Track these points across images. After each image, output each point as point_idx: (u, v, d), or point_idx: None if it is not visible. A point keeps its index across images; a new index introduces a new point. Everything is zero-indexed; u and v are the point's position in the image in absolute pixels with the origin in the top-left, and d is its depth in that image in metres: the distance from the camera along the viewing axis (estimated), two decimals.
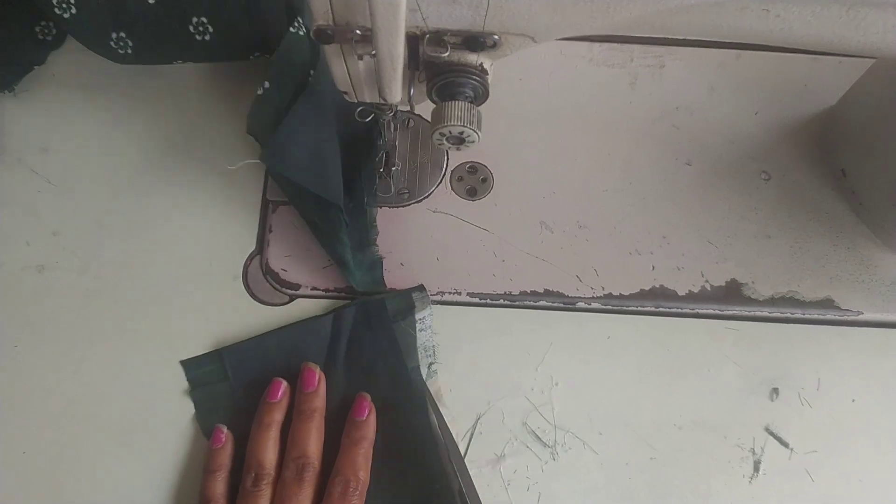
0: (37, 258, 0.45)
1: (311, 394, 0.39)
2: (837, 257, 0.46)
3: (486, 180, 0.49)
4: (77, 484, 0.39)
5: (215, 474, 0.38)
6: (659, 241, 0.47)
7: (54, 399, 0.41)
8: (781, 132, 0.51)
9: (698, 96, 0.52)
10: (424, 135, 0.50)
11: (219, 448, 0.38)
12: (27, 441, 0.40)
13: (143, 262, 0.45)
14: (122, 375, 0.42)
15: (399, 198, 0.47)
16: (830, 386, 0.43)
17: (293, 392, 0.40)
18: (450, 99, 0.34)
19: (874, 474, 0.41)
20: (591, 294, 0.45)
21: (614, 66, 0.53)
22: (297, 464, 0.36)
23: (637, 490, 0.40)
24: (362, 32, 0.31)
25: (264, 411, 0.39)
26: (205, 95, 0.51)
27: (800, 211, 0.48)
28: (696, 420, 0.42)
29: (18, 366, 0.42)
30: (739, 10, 0.30)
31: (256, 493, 0.36)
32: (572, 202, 0.48)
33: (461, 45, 0.32)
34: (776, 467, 0.41)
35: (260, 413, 0.39)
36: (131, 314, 0.44)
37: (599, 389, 0.43)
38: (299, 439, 0.37)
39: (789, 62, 0.53)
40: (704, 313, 0.45)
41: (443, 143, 0.36)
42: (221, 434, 0.39)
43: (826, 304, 0.45)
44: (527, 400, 0.42)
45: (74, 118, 0.49)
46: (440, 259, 0.45)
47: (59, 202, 0.47)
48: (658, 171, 0.49)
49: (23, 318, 0.43)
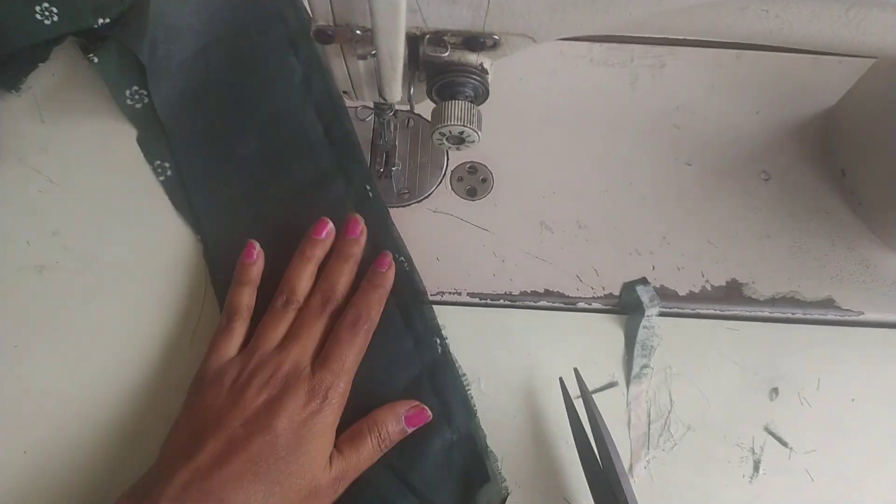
0: (37, 258, 0.45)
1: (353, 239, 0.42)
2: (838, 257, 0.46)
3: (486, 180, 0.49)
4: (77, 484, 0.39)
5: (245, 287, 0.41)
6: (659, 241, 0.47)
7: (54, 399, 0.41)
8: (781, 132, 0.51)
9: (698, 96, 0.52)
10: (424, 135, 0.50)
11: (251, 262, 0.41)
12: (27, 441, 0.40)
13: (144, 262, 0.45)
14: (122, 375, 0.42)
15: (399, 198, 0.47)
16: (830, 386, 0.43)
17: None
18: (450, 98, 0.34)
19: (874, 474, 0.41)
20: (592, 294, 0.45)
21: (614, 66, 0.53)
22: (324, 295, 0.40)
23: (636, 490, 0.40)
24: (362, 33, 0.31)
25: (307, 244, 0.42)
26: None
27: (800, 211, 0.48)
28: (696, 420, 0.42)
29: (18, 366, 0.42)
30: (739, 11, 0.30)
31: (284, 312, 0.39)
32: (572, 202, 0.48)
33: (461, 45, 0.32)
34: (776, 467, 0.41)
35: (302, 245, 0.42)
36: (131, 314, 0.44)
37: None
38: (332, 274, 0.41)
39: (789, 62, 0.53)
40: (705, 313, 0.45)
41: (443, 142, 0.36)
42: (253, 249, 0.42)
43: (827, 304, 0.45)
44: (528, 401, 0.42)
45: (74, 118, 0.49)
46: (440, 259, 0.45)
47: (59, 202, 0.47)
48: (658, 171, 0.49)
49: (23, 318, 0.43)
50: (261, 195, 0.46)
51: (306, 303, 0.40)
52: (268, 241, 0.44)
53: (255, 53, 0.49)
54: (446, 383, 0.41)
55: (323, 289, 0.40)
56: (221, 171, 0.47)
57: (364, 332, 0.39)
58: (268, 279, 0.42)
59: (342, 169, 0.46)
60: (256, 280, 0.41)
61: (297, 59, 0.49)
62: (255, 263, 0.42)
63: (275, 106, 0.48)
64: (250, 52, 0.49)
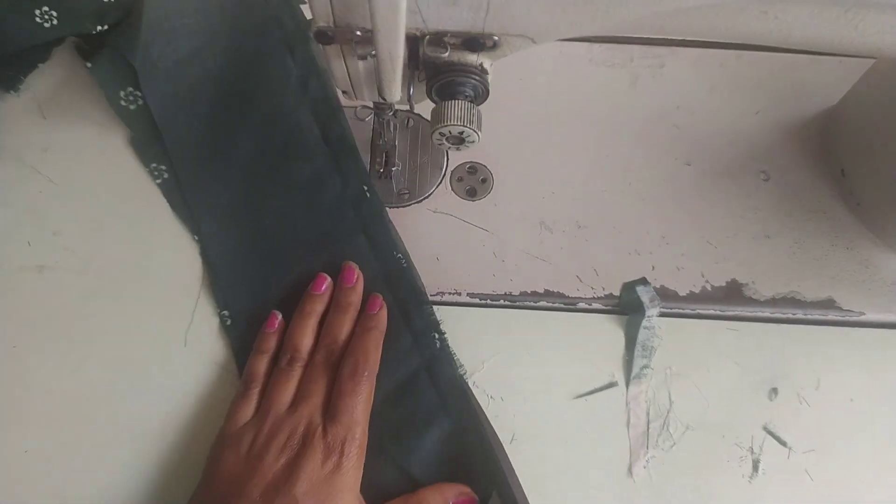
0: (37, 258, 0.45)
1: (349, 289, 0.42)
2: (838, 257, 0.46)
3: (486, 180, 0.49)
4: (77, 484, 0.39)
5: (263, 355, 0.41)
6: (659, 241, 0.47)
7: (54, 399, 0.41)
8: (781, 132, 0.51)
9: (698, 96, 0.52)
10: (424, 135, 0.50)
11: (271, 332, 0.42)
12: (27, 441, 0.40)
13: (143, 262, 0.45)
14: (122, 375, 0.42)
15: (399, 198, 0.47)
16: (829, 385, 0.43)
17: None
18: (449, 98, 0.34)
19: (873, 474, 0.41)
20: (592, 294, 0.45)
21: (614, 66, 0.53)
22: (328, 349, 0.40)
23: (636, 489, 0.40)
24: (362, 33, 0.31)
25: (307, 301, 0.42)
26: None
27: (799, 211, 0.48)
28: (696, 419, 0.42)
29: (18, 366, 0.42)
30: (738, 12, 0.30)
31: (290, 371, 0.39)
32: (572, 202, 0.48)
33: (461, 45, 0.32)
34: (775, 467, 0.41)
35: (303, 302, 0.42)
36: (131, 314, 0.44)
37: None
38: (333, 328, 0.41)
39: (789, 62, 0.53)
40: (706, 314, 0.45)
41: (443, 142, 0.36)
42: (276, 319, 0.42)
43: (828, 304, 0.45)
44: (527, 401, 0.42)
45: (74, 118, 0.49)
46: (440, 259, 0.45)
47: (59, 202, 0.47)
48: (658, 171, 0.49)
49: (23, 318, 0.43)
50: (258, 196, 0.46)
51: (311, 359, 0.40)
52: (266, 244, 0.44)
53: (251, 55, 0.49)
54: (444, 376, 0.41)
55: (326, 343, 0.40)
56: (218, 172, 0.46)
57: (366, 378, 0.38)
58: (271, 286, 0.43)
59: (339, 169, 0.46)
60: (275, 348, 0.41)
61: (293, 61, 0.49)
62: (276, 333, 0.42)
63: (271, 107, 0.48)
64: (246, 54, 0.49)
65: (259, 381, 0.40)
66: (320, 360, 0.40)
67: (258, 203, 0.46)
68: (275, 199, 0.46)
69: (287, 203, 0.46)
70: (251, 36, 0.50)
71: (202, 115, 0.48)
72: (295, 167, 0.46)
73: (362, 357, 0.39)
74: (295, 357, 0.40)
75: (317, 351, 0.40)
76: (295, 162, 0.47)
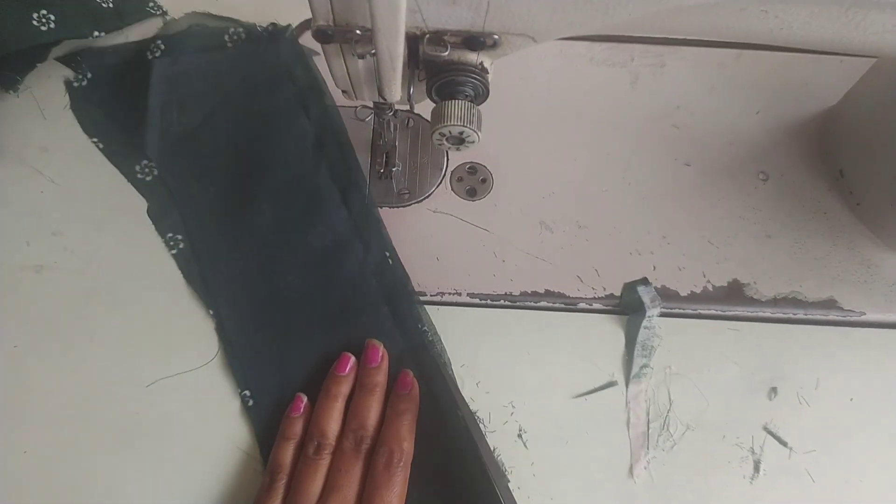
0: (37, 258, 0.45)
1: (374, 369, 0.41)
2: (838, 257, 0.46)
3: (486, 180, 0.49)
4: (77, 484, 0.39)
5: (289, 442, 0.39)
6: (659, 241, 0.47)
7: (54, 399, 0.41)
8: (781, 132, 0.51)
9: (698, 96, 0.52)
10: (424, 135, 0.50)
11: (297, 417, 0.40)
12: (27, 441, 0.40)
13: (143, 262, 0.45)
14: (121, 375, 0.42)
15: (399, 198, 0.47)
16: (829, 385, 0.43)
17: None
18: (449, 98, 0.34)
19: (873, 474, 0.41)
20: (592, 294, 0.45)
21: (614, 65, 0.53)
22: (356, 435, 0.38)
23: (636, 489, 0.40)
24: (362, 32, 0.31)
25: (332, 382, 0.40)
26: None
27: (799, 211, 0.48)
28: (696, 419, 0.42)
29: (18, 366, 0.42)
30: (738, 11, 0.30)
31: (318, 460, 0.38)
32: (572, 202, 0.48)
33: (461, 44, 0.32)
34: (776, 467, 0.41)
35: (327, 384, 0.40)
36: (131, 314, 0.44)
37: None
38: (360, 412, 0.39)
39: (789, 62, 0.53)
40: (706, 314, 0.45)
41: (443, 142, 0.36)
42: (301, 403, 0.40)
43: (829, 304, 0.45)
44: (527, 400, 0.42)
45: (74, 118, 0.49)
46: (440, 259, 0.45)
47: (60, 202, 0.47)
48: (658, 171, 0.49)
49: (23, 318, 0.43)
50: (278, 266, 0.44)
51: (339, 446, 0.38)
52: (285, 318, 0.43)
53: (264, 116, 0.48)
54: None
55: (353, 428, 0.38)
56: (235, 241, 0.45)
57: (401, 469, 0.37)
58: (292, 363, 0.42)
59: (360, 235, 0.44)
60: (301, 434, 0.40)
61: (307, 118, 0.48)
62: (301, 418, 0.40)
63: (287, 171, 0.46)
64: (260, 115, 0.48)
65: (286, 471, 0.38)
66: (349, 448, 0.38)
67: (278, 273, 0.44)
68: (295, 269, 0.44)
69: (307, 273, 0.44)
70: (264, 94, 0.49)
71: (217, 182, 0.47)
72: (314, 234, 0.45)
73: (397, 446, 0.37)
74: (322, 444, 0.38)
75: (345, 437, 0.38)
76: (314, 228, 0.45)
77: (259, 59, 0.50)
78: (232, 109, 0.48)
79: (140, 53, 0.50)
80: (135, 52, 0.51)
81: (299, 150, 0.47)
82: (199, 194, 0.46)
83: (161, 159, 0.47)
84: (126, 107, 0.49)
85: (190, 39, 0.50)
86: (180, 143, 0.47)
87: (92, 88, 0.50)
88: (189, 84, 0.49)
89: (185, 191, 0.46)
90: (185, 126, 0.48)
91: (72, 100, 0.50)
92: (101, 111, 0.49)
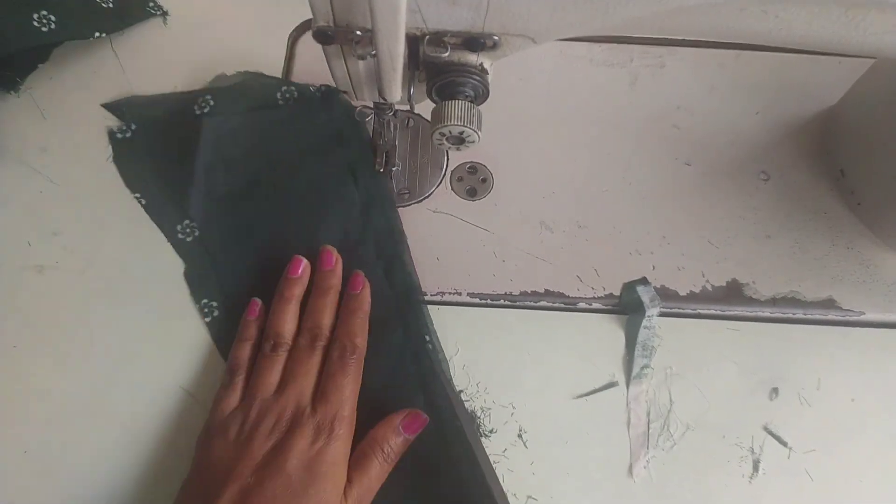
0: (37, 258, 0.45)
1: (328, 272, 0.42)
2: (838, 257, 0.46)
3: (486, 180, 0.49)
4: (77, 484, 0.39)
5: (246, 343, 0.41)
6: (659, 241, 0.47)
7: (54, 399, 0.41)
8: (781, 132, 0.51)
9: (698, 96, 0.52)
10: (424, 135, 0.50)
11: (252, 319, 0.42)
12: (27, 441, 0.40)
13: (143, 262, 0.45)
14: (121, 375, 0.42)
15: (399, 198, 0.47)
16: (830, 385, 0.43)
17: None
18: (450, 98, 0.34)
19: (874, 474, 0.41)
20: (592, 294, 0.45)
21: (614, 66, 0.53)
22: (311, 333, 0.40)
23: (636, 489, 0.40)
24: (362, 33, 0.31)
25: (285, 285, 0.42)
26: None
27: (799, 211, 0.48)
28: (696, 419, 0.42)
29: (18, 366, 0.42)
30: (738, 11, 0.30)
31: (274, 357, 0.39)
32: (572, 202, 0.48)
33: (461, 45, 0.32)
34: (775, 467, 0.41)
35: (281, 287, 0.42)
36: (131, 314, 0.44)
37: None
38: (315, 312, 0.41)
39: (789, 62, 0.53)
40: (706, 314, 0.45)
41: (443, 142, 0.36)
42: (256, 307, 0.42)
43: (828, 304, 0.45)
44: (527, 401, 0.42)
45: (74, 118, 0.49)
46: (440, 259, 0.45)
47: (59, 202, 0.47)
48: (658, 171, 0.49)
49: (23, 318, 0.43)
50: None
51: (295, 343, 0.40)
52: None
53: (312, 181, 0.46)
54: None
55: (308, 327, 0.40)
56: None
57: (354, 361, 0.39)
58: None
59: (402, 317, 0.43)
60: (257, 336, 0.41)
61: (356, 186, 0.46)
62: (257, 320, 0.41)
63: (332, 243, 0.44)
64: (308, 181, 0.46)
65: (243, 368, 0.40)
66: (305, 344, 0.40)
67: None
68: None
69: None
70: (313, 157, 0.47)
71: (260, 250, 0.45)
72: None
73: (349, 341, 0.39)
74: (278, 342, 0.40)
75: (300, 335, 0.40)
76: None
77: (310, 121, 0.48)
78: (279, 172, 0.46)
79: (187, 105, 0.48)
80: (182, 103, 0.49)
81: (345, 219, 0.45)
82: (238, 261, 0.45)
83: (203, 220, 0.46)
84: (171, 163, 0.47)
85: (241, 97, 0.49)
86: (224, 203, 0.46)
87: (136, 141, 0.48)
88: (237, 143, 0.47)
89: (224, 256, 0.45)
90: (231, 186, 0.46)
91: (115, 151, 0.48)
92: (146, 166, 0.47)
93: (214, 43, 0.53)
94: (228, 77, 0.50)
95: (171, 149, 0.48)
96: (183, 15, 0.54)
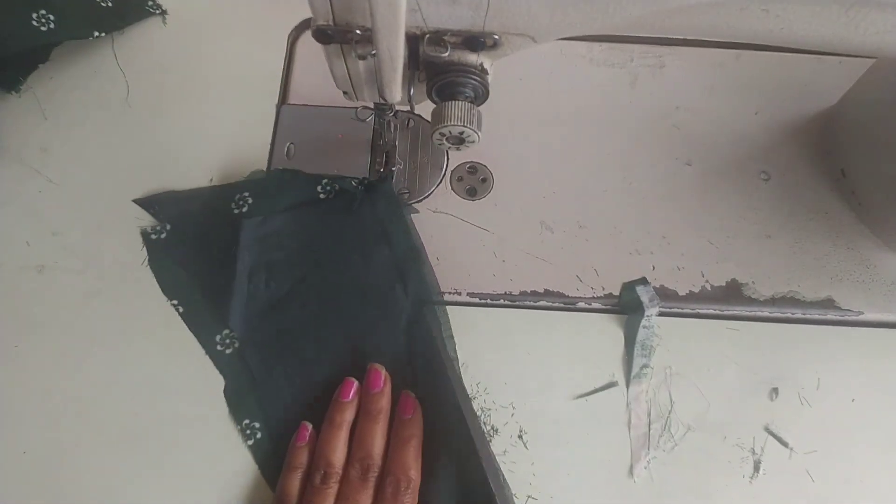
0: (37, 258, 0.45)
1: (377, 394, 0.40)
2: (838, 257, 0.46)
3: (486, 180, 0.49)
4: (77, 484, 0.39)
5: (296, 471, 0.38)
6: (659, 241, 0.47)
7: (54, 399, 0.41)
8: (781, 132, 0.51)
9: (698, 96, 0.52)
10: (424, 135, 0.50)
11: (302, 445, 0.39)
12: (27, 441, 0.40)
13: (143, 262, 0.45)
14: (121, 375, 0.42)
15: (399, 198, 0.47)
16: (830, 386, 0.43)
17: None
18: (450, 99, 0.34)
19: (874, 474, 0.41)
20: (592, 294, 0.45)
21: (614, 66, 0.53)
22: (362, 464, 0.38)
23: (637, 489, 0.40)
24: (362, 32, 0.31)
25: (336, 410, 0.40)
26: None
27: (799, 211, 0.48)
28: (697, 420, 0.42)
29: (18, 366, 0.42)
30: (739, 11, 0.30)
31: (325, 489, 0.37)
32: (572, 202, 0.48)
33: (461, 45, 0.32)
34: (776, 467, 0.41)
35: (331, 412, 0.40)
36: (131, 314, 0.44)
37: None
38: (365, 439, 0.38)
39: (789, 62, 0.53)
40: (705, 313, 0.45)
41: (443, 143, 0.36)
42: (306, 431, 0.40)
43: (827, 304, 0.45)
44: (528, 401, 0.42)
45: (74, 118, 0.49)
46: (440, 259, 0.45)
47: (59, 202, 0.47)
48: (658, 171, 0.49)
49: (23, 318, 0.43)
50: None
51: (346, 475, 0.38)
52: None
53: (357, 286, 0.44)
54: None
55: (359, 457, 0.38)
56: None
57: (409, 496, 0.37)
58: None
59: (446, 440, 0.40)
60: (307, 463, 0.39)
61: (404, 292, 0.43)
62: (307, 446, 0.39)
63: (379, 357, 0.42)
64: (352, 285, 0.44)
65: (293, 501, 0.38)
66: (356, 477, 0.37)
67: None
68: None
69: None
70: (358, 259, 0.44)
71: (304, 363, 0.42)
72: None
73: (403, 475, 0.37)
74: (329, 473, 0.37)
75: (351, 466, 0.38)
76: None
77: (354, 216, 0.45)
78: (324, 274, 0.44)
79: (224, 203, 0.46)
80: (218, 199, 0.46)
81: (391, 329, 0.43)
82: (280, 378, 0.42)
83: (244, 330, 0.43)
84: (210, 267, 0.44)
85: (280, 193, 0.46)
86: (266, 313, 0.43)
87: (172, 242, 0.45)
88: (279, 245, 0.45)
89: (266, 371, 0.42)
90: (273, 293, 0.43)
91: (150, 254, 0.45)
92: (183, 271, 0.45)
93: (214, 42, 0.53)
94: (264, 173, 0.48)
95: (208, 252, 0.45)
96: (182, 14, 0.54)
